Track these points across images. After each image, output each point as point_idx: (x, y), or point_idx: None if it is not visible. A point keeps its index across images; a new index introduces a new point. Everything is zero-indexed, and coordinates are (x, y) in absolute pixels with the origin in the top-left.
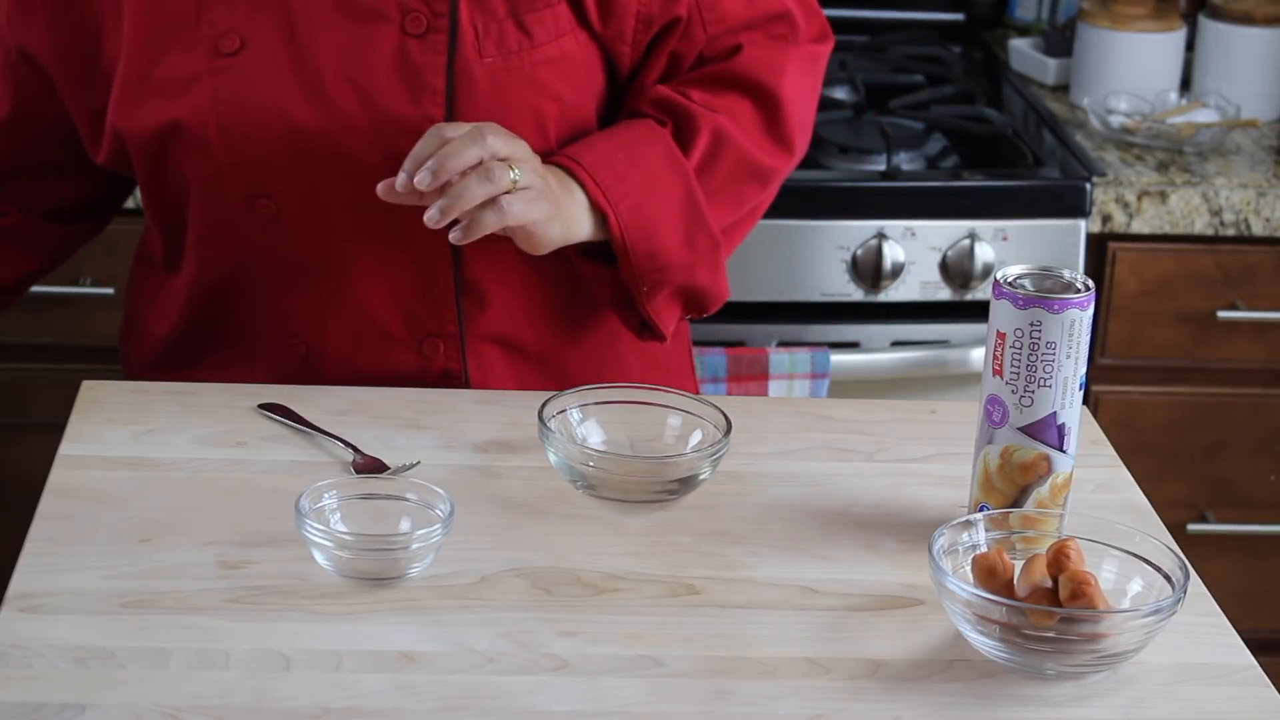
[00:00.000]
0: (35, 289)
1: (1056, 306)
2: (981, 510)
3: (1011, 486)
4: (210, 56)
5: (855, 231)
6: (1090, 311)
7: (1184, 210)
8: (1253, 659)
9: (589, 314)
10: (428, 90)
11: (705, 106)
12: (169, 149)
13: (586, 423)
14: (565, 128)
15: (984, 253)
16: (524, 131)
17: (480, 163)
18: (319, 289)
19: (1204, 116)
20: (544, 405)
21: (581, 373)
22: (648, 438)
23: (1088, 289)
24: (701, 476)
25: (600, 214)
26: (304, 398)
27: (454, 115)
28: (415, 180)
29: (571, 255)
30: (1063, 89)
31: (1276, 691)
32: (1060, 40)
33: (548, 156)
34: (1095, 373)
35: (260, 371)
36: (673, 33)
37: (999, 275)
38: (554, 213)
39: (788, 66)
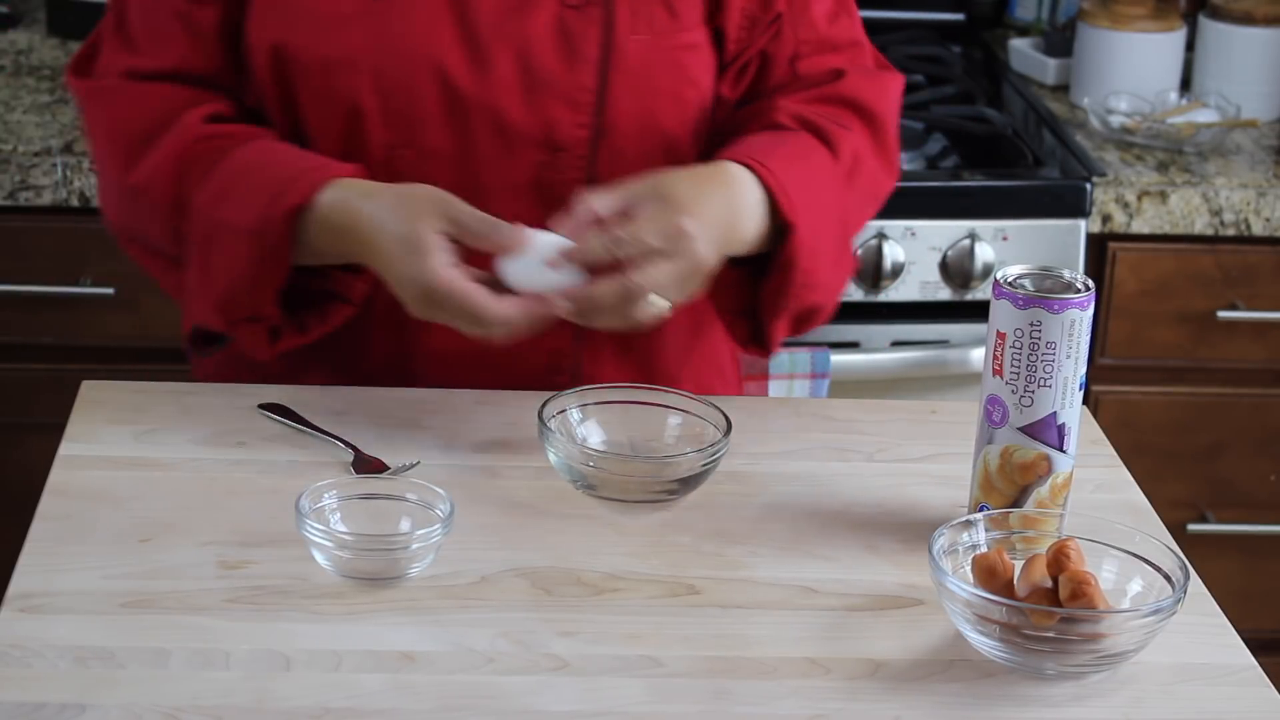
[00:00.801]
0: (35, 288)
1: (1056, 306)
2: (981, 510)
3: (1011, 486)
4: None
5: None
6: (1090, 311)
7: (1184, 210)
8: (1253, 659)
9: (704, 312)
10: (582, 59)
11: (840, 125)
12: (315, 85)
13: (586, 423)
14: (701, 117)
15: (984, 253)
16: (667, 115)
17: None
18: None
19: (1204, 116)
20: (544, 405)
21: (677, 370)
22: (648, 438)
23: (1088, 289)
24: (702, 476)
25: (776, 225)
26: (304, 398)
27: (606, 86)
28: (560, 305)
29: None
30: (1063, 89)
31: (1276, 691)
32: (1060, 40)
33: (727, 150)
34: (1095, 373)
35: (373, 343)
36: (767, 30)
37: (999, 275)
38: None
39: (887, 92)
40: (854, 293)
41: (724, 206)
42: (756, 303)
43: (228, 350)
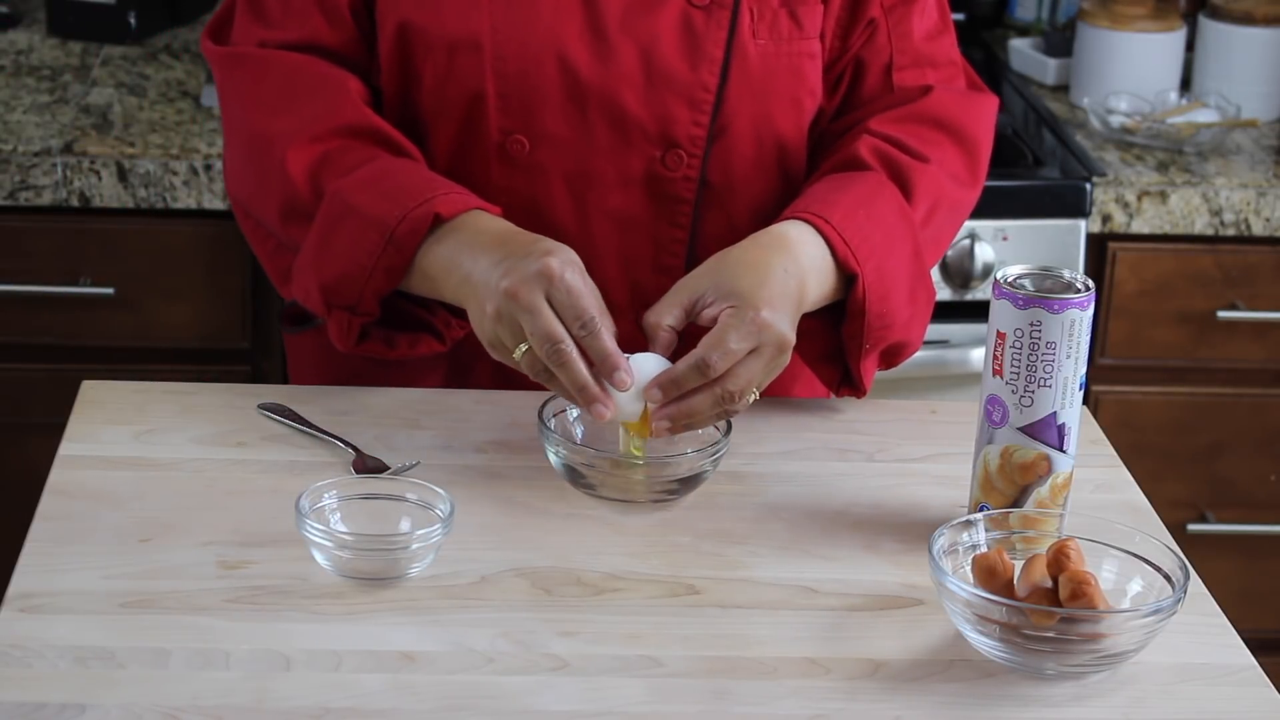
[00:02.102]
0: (35, 288)
1: (1056, 306)
2: (981, 510)
3: (1011, 486)
4: None
5: None
6: (1090, 311)
7: (1184, 210)
8: (1253, 659)
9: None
10: (706, 59)
11: (919, 157)
12: (437, 66)
13: (586, 422)
14: (811, 125)
15: (984, 253)
16: (783, 120)
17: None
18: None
19: (1204, 116)
20: (544, 405)
21: (789, 379)
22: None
23: (1088, 289)
24: (702, 476)
25: (844, 275)
26: (304, 398)
27: (726, 87)
28: (660, 428)
29: None
30: (1063, 89)
31: (1276, 691)
32: (1060, 40)
33: (791, 206)
34: (1095, 373)
35: (460, 348)
36: (860, 35)
37: (999, 275)
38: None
39: (980, 110)
40: None
41: (788, 275)
42: (840, 347)
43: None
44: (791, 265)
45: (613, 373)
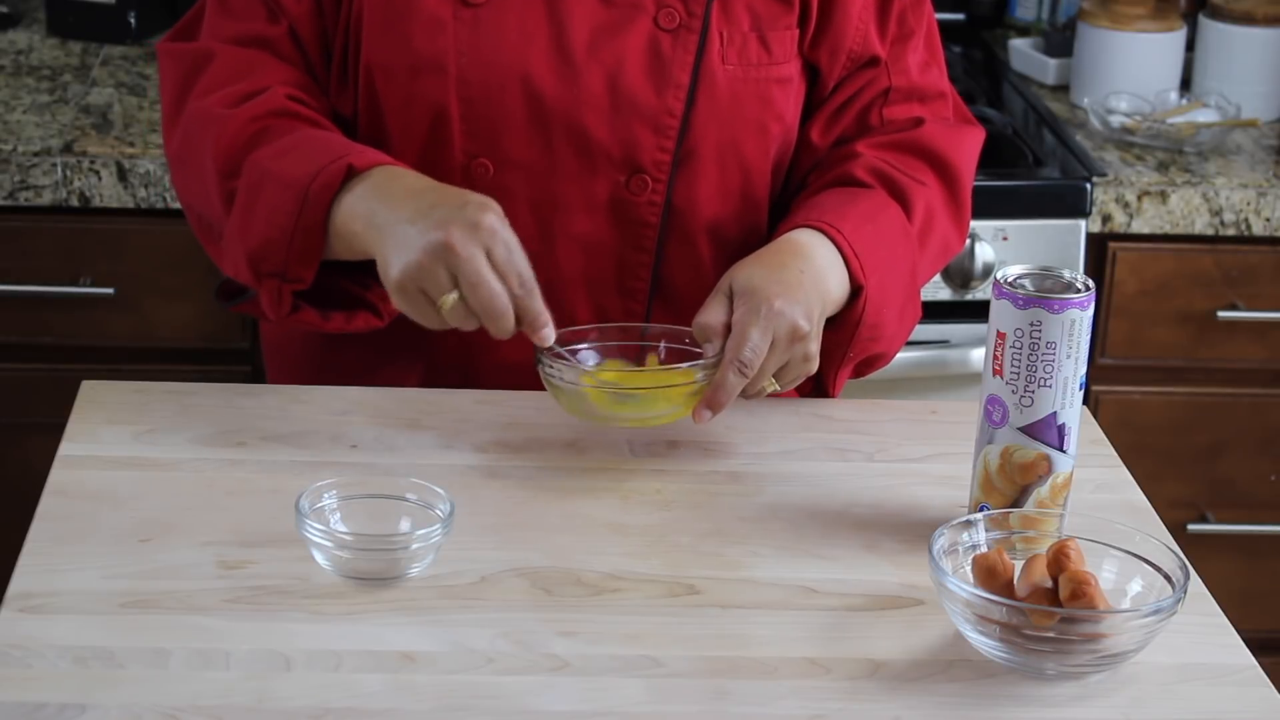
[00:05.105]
0: (35, 288)
1: (1056, 306)
2: (981, 510)
3: (1011, 486)
4: (456, 5)
5: None
6: (1090, 311)
7: (1184, 210)
8: (1253, 659)
9: None
10: (672, 84)
11: (915, 180)
12: (400, 87)
13: (583, 352)
14: (783, 151)
15: (984, 253)
16: (750, 146)
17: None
18: None
19: (1204, 116)
20: (537, 353)
21: None
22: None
23: (1088, 289)
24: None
25: (851, 286)
26: (304, 398)
27: (692, 113)
28: (703, 416)
29: None
30: (1063, 89)
31: (1276, 691)
32: (1060, 40)
33: (801, 213)
34: (1095, 373)
35: (435, 353)
36: (864, 73)
37: (999, 275)
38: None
39: (965, 145)
40: None
41: (802, 274)
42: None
43: (304, 343)
44: (807, 266)
45: (541, 329)
